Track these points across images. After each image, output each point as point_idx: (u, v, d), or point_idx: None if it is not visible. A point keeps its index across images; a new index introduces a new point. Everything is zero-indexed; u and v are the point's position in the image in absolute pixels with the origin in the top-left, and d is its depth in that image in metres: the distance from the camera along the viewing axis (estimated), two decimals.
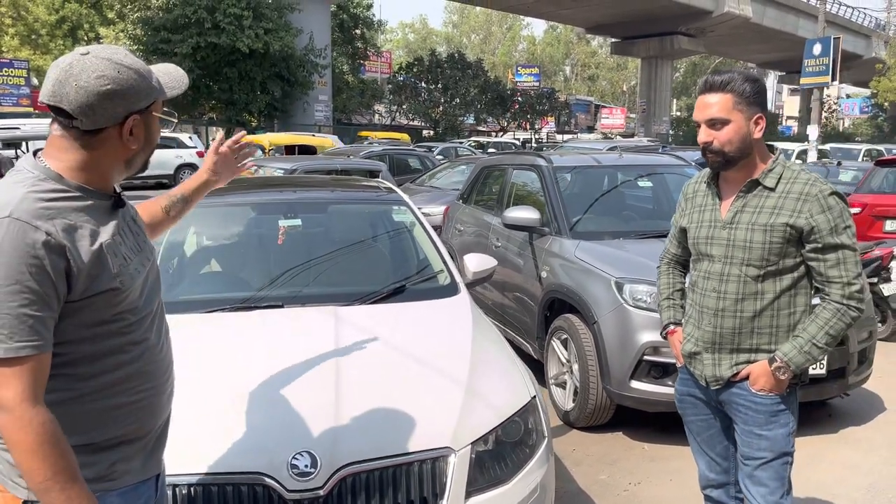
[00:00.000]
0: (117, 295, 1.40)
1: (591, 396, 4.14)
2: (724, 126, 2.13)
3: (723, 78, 2.13)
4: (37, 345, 1.27)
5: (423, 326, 2.93)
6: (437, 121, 37.53)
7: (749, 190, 2.19)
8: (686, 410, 2.49)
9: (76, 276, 1.32)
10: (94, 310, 1.37)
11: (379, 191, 4.06)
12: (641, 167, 5.76)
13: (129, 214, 1.55)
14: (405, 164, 13.93)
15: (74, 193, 1.38)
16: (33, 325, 1.27)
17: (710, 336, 2.26)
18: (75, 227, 1.34)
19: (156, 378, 1.53)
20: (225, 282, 3.30)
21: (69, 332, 1.36)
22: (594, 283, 4.24)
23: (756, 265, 2.16)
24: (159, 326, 1.57)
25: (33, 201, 1.31)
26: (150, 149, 1.49)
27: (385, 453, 2.09)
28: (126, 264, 1.43)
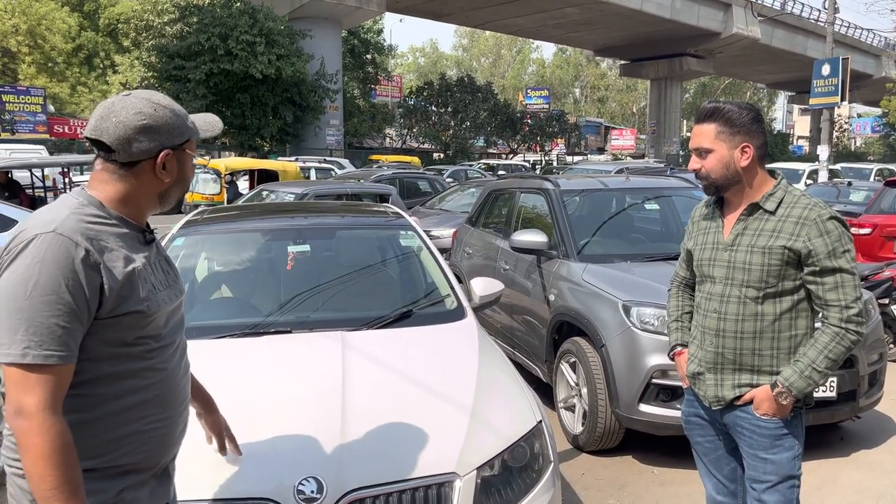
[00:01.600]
0: (143, 318, 1.46)
1: (599, 420, 4.13)
2: (709, 154, 2.22)
3: (710, 108, 2.23)
4: (63, 355, 1.34)
5: (429, 351, 2.95)
6: (447, 144, 37.75)
7: (750, 213, 2.24)
8: (693, 432, 2.51)
9: (108, 293, 1.39)
10: (119, 329, 1.43)
11: (386, 216, 4.10)
12: (648, 190, 5.78)
13: (162, 253, 1.64)
14: (415, 187, 14.02)
15: (113, 221, 1.48)
16: (62, 335, 1.33)
17: (712, 356, 2.30)
18: (112, 249, 1.43)
19: (171, 408, 1.56)
20: (234, 308, 3.34)
21: (93, 348, 1.41)
22: (602, 306, 4.25)
23: (755, 286, 2.19)
24: (180, 359, 1.62)
25: (77, 221, 1.41)
26: (182, 185, 1.57)
27: (391, 479, 2.11)
28: (154, 292, 1.50)
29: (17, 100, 30.92)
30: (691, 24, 38.51)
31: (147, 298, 1.48)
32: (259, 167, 13.92)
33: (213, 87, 26.38)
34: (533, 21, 38.44)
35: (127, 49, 35.36)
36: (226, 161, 14.99)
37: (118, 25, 37.44)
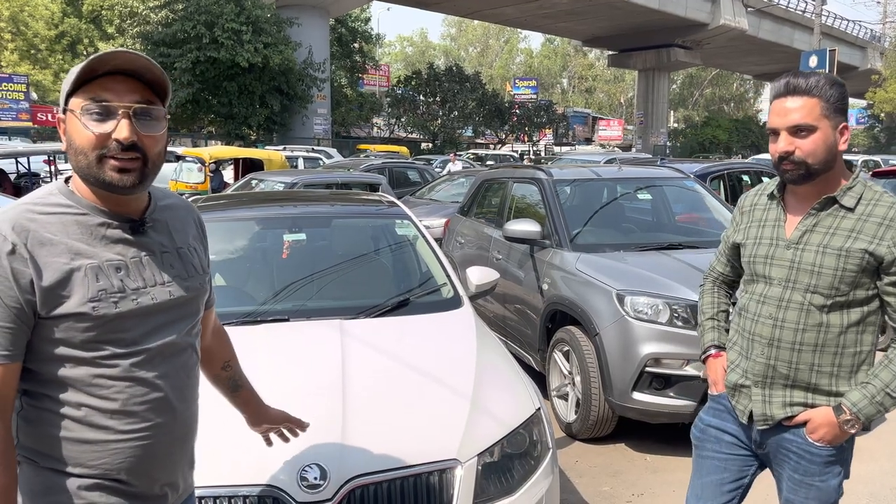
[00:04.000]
0: (86, 320, 1.31)
1: (593, 408, 4.17)
2: (810, 134, 1.86)
3: (809, 81, 1.88)
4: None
5: (427, 339, 2.96)
6: (435, 133, 37.67)
7: (823, 207, 1.93)
8: (705, 444, 2.20)
9: (38, 291, 1.28)
10: (63, 330, 1.30)
11: (381, 205, 4.10)
12: (641, 180, 5.81)
13: (176, 246, 1.48)
14: (404, 177, 14.00)
15: (79, 210, 1.35)
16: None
17: (762, 368, 1.99)
18: (53, 244, 1.30)
19: (150, 419, 1.38)
20: (231, 296, 3.32)
21: (42, 349, 1.32)
22: (595, 295, 4.27)
23: (823, 293, 1.89)
24: (171, 367, 1.43)
25: (22, 212, 1.31)
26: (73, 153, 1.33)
27: (393, 465, 2.12)
28: (117, 290, 1.34)
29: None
30: (679, 14, 38.57)
31: (98, 300, 1.31)
32: (244, 156, 13.62)
33: (199, 75, 26.13)
34: (521, 10, 38.36)
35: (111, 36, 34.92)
36: (210, 150, 14.57)
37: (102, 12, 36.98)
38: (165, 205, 1.52)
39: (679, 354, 3.92)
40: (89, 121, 1.31)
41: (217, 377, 1.84)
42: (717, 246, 2.32)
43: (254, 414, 1.92)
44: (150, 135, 1.35)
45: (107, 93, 1.32)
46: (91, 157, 1.31)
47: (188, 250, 1.52)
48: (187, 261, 1.50)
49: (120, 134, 1.30)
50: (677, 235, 5.28)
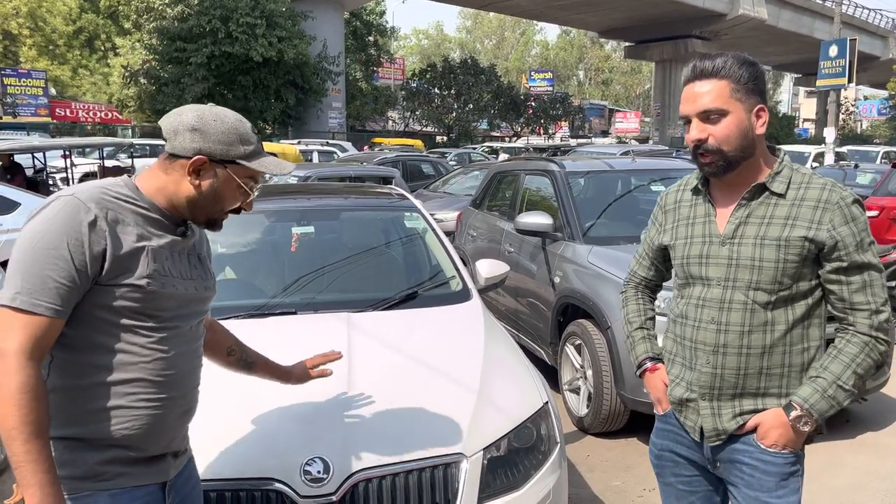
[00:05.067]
0: (139, 292, 1.47)
1: (604, 402, 4.13)
2: (722, 118, 1.75)
3: (716, 62, 1.76)
4: (51, 307, 1.38)
5: (435, 332, 2.94)
6: (450, 126, 37.62)
7: (753, 196, 1.80)
8: (664, 470, 2.03)
9: (109, 260, 1.43)
10: (115, 298, 1.46)
11: (391, 197, 4.08)
12: (654, 171, 5.74)
13: (197, 251, 1.68)
14: (418, 170, 13.99)
15: (141, 204, 1.54)
16: (54, 288, 1.38)
17: (708, 379, 1.82)
18: (126, 224, 1.49)
19: (165, 392, 1.54)
20: (239, 289, 3.32)
21: (88, 312, 1.45)
22: (607, 287, 4.23)
23: (766, 289, 1.76)
24: (188, 349, 1.61)
25: (99, 192, 1.48)
26: (214, 203, 1.58)
27: (397, 459, 2.10)
28: (164, 274, 1.53)
29: (18, 83, 30.87)
30: (697, 5, 38.17)
31: (151, 276, 1.49)
32: None
33: (214, 69, 26.26)
34: (536, 2, 38.14)
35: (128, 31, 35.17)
36: None
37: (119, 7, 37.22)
38: None
39: None
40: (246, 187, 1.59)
41: (228, 363, 2.02)
42: None
43: (281, 378, 2.11)
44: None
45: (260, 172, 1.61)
46: (226, 210, 1.62)
47: (206, 257, 1.75)
48: (205, 265, 1.73)
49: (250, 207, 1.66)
50: None
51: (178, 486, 1.66)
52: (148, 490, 1.55)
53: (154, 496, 1.56)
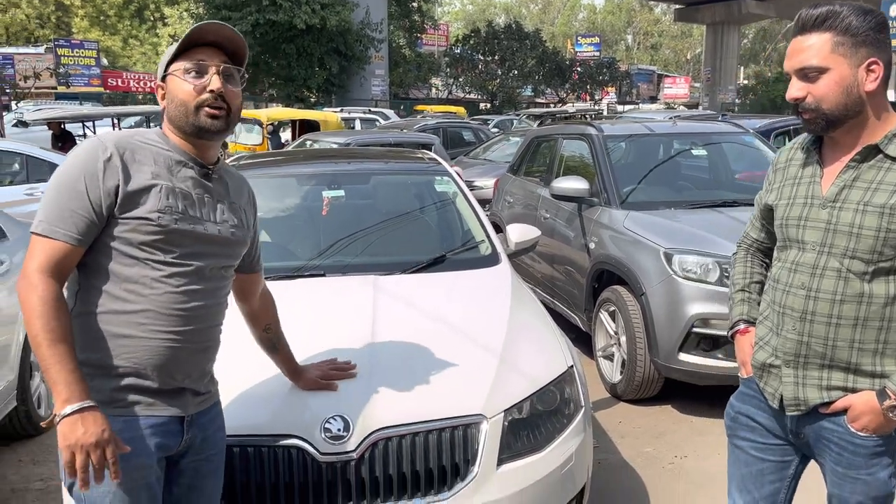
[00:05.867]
0: (150, 225, 1.56)
1: (638, 369, 4.08)
2: (821, 76, 1.62)
3: (820, 12, 1.62)
4: (68, 234, 1.51)
5: (461, 296, 2.93)
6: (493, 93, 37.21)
7: (864, 159, 1.66)
8: (737, 433, 1.97)
9: (121, 194, 1.54)
10: (127, 230, 1.55)
11: (422, 161, 4.05)
12: (697, 135, 5.58)
13: (233, 199, 1.76)
14: (459, 137, 13.89)
15: (166, 147, 1.65)
16: (70, 218, 1.51)
17: (794, 346, 1.74)
18: (142, 163, 1.59)
19: (177, 326, 1.60)
20: (268, 251, 3.35)
21: (104, 242, 1.56)
22: (643, 253, 4.16)
23: (863, 259, 1.64)
24: (203, 288, 1.66)
25: (126, 136, 1.62)
26: (176, 107, 1.63)
27: (417, 419, 2.11)
28: (179, 212, 1.60)
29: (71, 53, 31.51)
30: None
31: (163, 211, 1.57)
32: (300, 117, 13.78)
33: (259, 37, 26.38)
34: None
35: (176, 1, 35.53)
36: (267, 111, 14.66)
37: None
38: (228, 170, 1.84)
39: (728, 315, 3.77)
40: (189, 77, 1.63)
41: (260, 338, 2.09)
42: None
43: (290, 375, 2.16)
44: (233, 90, 1.67)
45: (200, 56, 1.64)
46: (191, 106, 1.62)
47: (239, 207, 1.80)
48: (237, 213, 1.77)
49: (213, 85, 1.62)
50: (734, 193, 5.07)
51: (200, 424, 1.72)
52: (163, 420, 1.62)
53: (170, 427, 1.63)
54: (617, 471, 3.45)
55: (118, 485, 1.52)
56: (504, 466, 2.16)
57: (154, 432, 1.60)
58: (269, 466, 2.02)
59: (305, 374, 2.16)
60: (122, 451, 1.48)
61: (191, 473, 1.73)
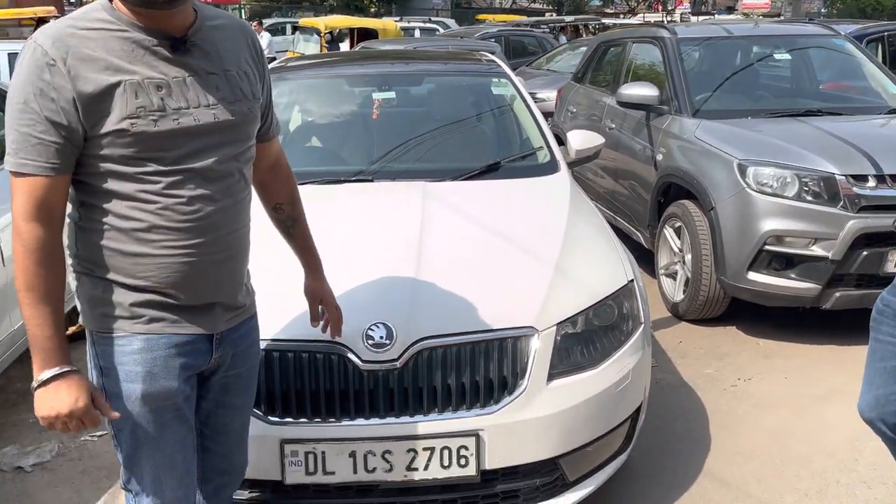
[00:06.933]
0: (125, 136, 1.31)
1: (702, 287, 3.87)
2: None
3: None
4: (39, 165, 1.29)
5: (516, 205, 2.77)
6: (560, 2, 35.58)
7: None
8: (881, 327, 1.81)
9: (80, 105, 1.28)
10: (104, 147, 1.32)
11: (479, 62, 3.81)
12: (780, 38, 5.11)
13: (223, 67, 1.43)
14: (522, 46, 13.33)
15: (119, 27, 1.32)
16: (37, 146, 1.28)
17: None
18: (95, 59, 1.29)
19: (191, 238, 1.39)
20: (316, 155, 3.24)
21: (89, 163, 1.34)
22: (714, 165, 3.87)
23: None
24: (213, 190, 1.41)
25: (65, 28, 1.30)
26: None
27: (463, 329, 2.00)
28: (157, 108, 1.32)
29: None
30: None
31: (135, 116, 1.30)
32: (359, 25, 13.45)
33: None
34: None
35: None
36: (325, 19, 14.33)
37: None
38: (215, 25, 1.45)
39: (806, 232, 3.51)
40: None
41: (272, 217, 1.80)
42: (866, 113, 1.80)
43: (305, 266, 1.86)
44: None
45: None
46: None
47: (237, 73, 1.46)
48: (235, 84, 1.45)
49: None
50: (818, 101, 4.66)
51: (231, 341, 1.56)
52: (188, 339, 1.46)
53: (196, 346, 1.47)
54: (675, 391, 3.31)
55: (143, 408, 1.42)
56: (555, 381, 2.04)
57: (179, 352, 1.44)
58: (310, 373, 1.96)
59: (316, 283, 1.85)
60: (107, 416, 1.38)
61: (220, 390, 1.59)
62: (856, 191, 3.45)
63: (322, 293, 1.86)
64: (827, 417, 3.07)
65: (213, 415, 1.62)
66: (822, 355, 3.65)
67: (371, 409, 1.96)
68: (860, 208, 3.44)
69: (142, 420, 1.43)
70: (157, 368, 1.42)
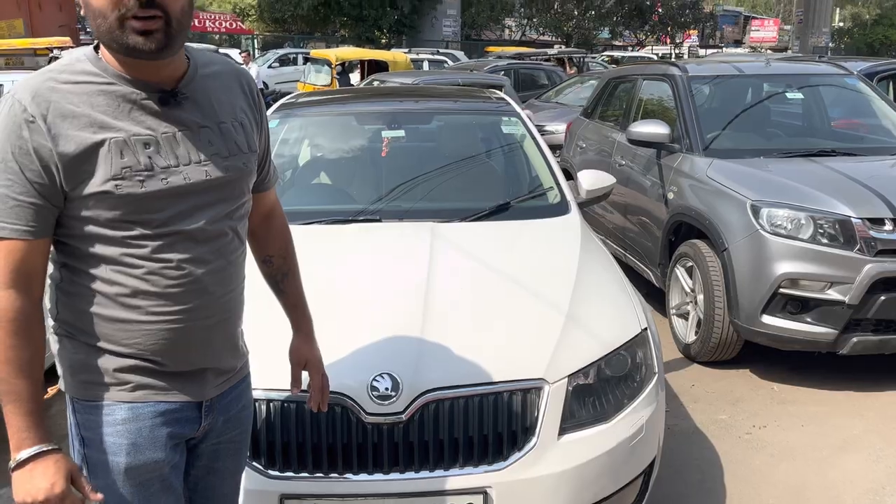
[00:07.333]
0: (110, 199, 1.22)
1: (715, 329, 3.79)
2: None
3: None
4: (17, 229, 1.20)
5: (525, 247, 2.71)
6: (569, 35, 35.89)
7: None
8: None
9: (61, 166, 1.20)
10: (87, 209, 1.23)
11: (489, 100, 3.79)
12: (791, 77, 5.09)
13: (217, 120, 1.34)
14: (531, 79, 13.36)
15: (105, 79, 1.24)
16: (15, 208, 1.20)
17: None
18: (77, 115, 1.21)
19: (180, 304, 1.30)
20: (323, 194, 3.20)
21: (69, 224, 1.25)
22: (727, 205, 3.81)
23: None
24: (202, 252, 1.32)
25: (44, 81, 1.22)
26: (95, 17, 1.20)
27: (472, 381, 1.93)
28: (141, 168, 1.24)
29: None
30: None
31: (121, 177, 1.21)
32: (369, 57, 13.56)
33: None
34: None
35: None
36: (336, 51, 14.48)
37: None
38: (209, 73, 1.37)
39: (822, 276, 3.43)
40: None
41: (261, 270, 1.68)
42: (880, 154, 1.79)
43: (293, 325, 1.72)
44: None
45: None
46: (111, 18, 1.18)
47: (232, 125, 1.37)
48: (229, 137, 1.36)
49: None
50: (832, 141, 4.61)
51: (222, 406, 1.46)
52: (176, 407, 1.36)
53: (184, 414, 1.38)
54: (688, 438, 3.22)
55: (128, 481, 1.33)
56: (566, 436, 1.97)
57: (165, 420, 1.35)
58: (312, 425, 1.89)
59: (304, 345, 1.70)
60: (87, 498, 1.26)
61: (210, 456, 1.50)
62: (872, 234, 3.38)
63: (308, 356, 1.71)
64: (846, 469, 2.98)
65: (202, 480, 1.52)
66: (839, 402, 3.55)
67: (375, 463, 1.88)
68: (877, 252, 3.37)
69: (127, 494, 1.34)
70: (142, 439, 1.33)
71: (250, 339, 1.60)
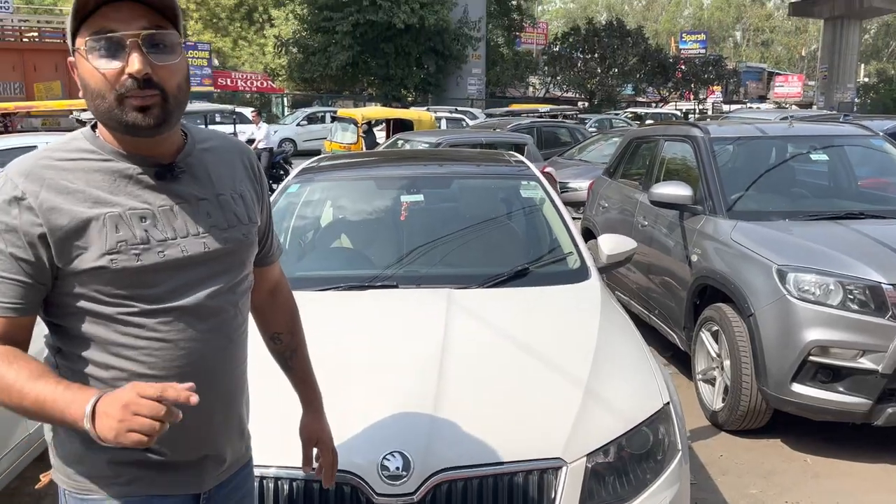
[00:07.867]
0: (105, 275, 1.19)
1: (743, 397, 3.67)
2: None
3: None
4: (3, 306, 1.17)
5: (543, 315, 2.65)
6: (592, 92, 36.34)
7: None
8: None
9: (53, 242, 1.17)
10: (81, 285, 1.20)
11: (508, 164, 3.79)
12: (816, 138, 5.04)
13: (216, 192, 1.32)
14: (554, 136, 13.47)
15: (102, 156, 1.23)
16: (0, 284, 1.17)
17: None
18: (72, 191, 1.19)
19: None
20: (339, 259, 3.20)
21: (60, 301, 1.22)
22: (752, 269, 3.73)
23: None
24: (203, 329, 1.27)
25: (38, 159, 1.21)
26: (88, 96, 1.19)
27: (486, 460, 1.86)
28: (137, 242, 1.21)
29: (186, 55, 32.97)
30: None
31: (117, 251, 1.18)
32: (394, 116, 13.78)
33: (359, 37, 26.82)
34: None
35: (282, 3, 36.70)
36: (362, 110, 14.81)
37: None
38: (207, 147, 1.36)
39: (853, 343, 3.32)
40: (96, 59, 1.16)
41: (268, 347, 1.64)
42: None
43: (303, 404, 1.68)
44: (165, 65, 1.19)
45: (111, 23, 1.15)
46: (110, 99, 1.17)
47: (231, 197, 1.35)
48: (228, 209, 1.34)
49: (132, 67, 1.15)
50: (859, 203, 4.54)
51: (221, 497, 1.40)
52: (172, 501, 1.30)
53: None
54: None
55: None
56: None
57: None
58: None
59: (314, 423, 1.66)
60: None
61: None
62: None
63: (319, 433, 1.66)
64: None
65: None
66: (876, 477, 3.39)
67: None
68: None
69: None
70: None
71: (259, 414, 1.56)
